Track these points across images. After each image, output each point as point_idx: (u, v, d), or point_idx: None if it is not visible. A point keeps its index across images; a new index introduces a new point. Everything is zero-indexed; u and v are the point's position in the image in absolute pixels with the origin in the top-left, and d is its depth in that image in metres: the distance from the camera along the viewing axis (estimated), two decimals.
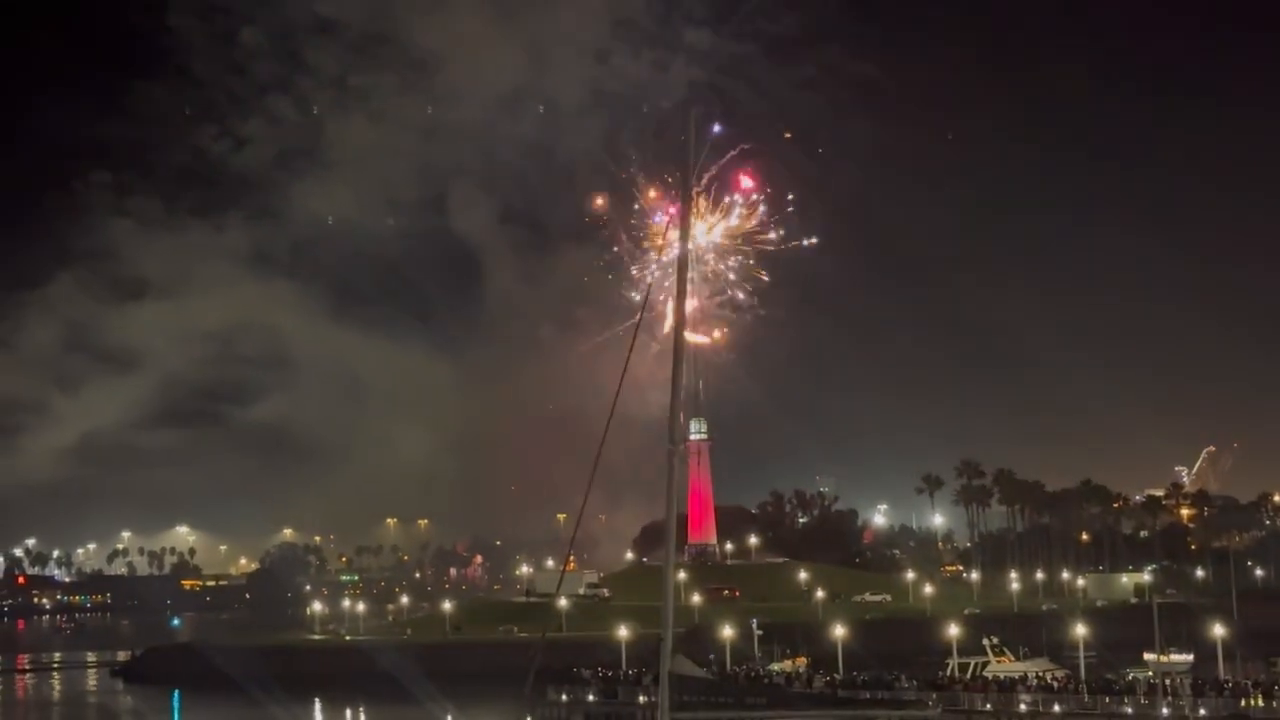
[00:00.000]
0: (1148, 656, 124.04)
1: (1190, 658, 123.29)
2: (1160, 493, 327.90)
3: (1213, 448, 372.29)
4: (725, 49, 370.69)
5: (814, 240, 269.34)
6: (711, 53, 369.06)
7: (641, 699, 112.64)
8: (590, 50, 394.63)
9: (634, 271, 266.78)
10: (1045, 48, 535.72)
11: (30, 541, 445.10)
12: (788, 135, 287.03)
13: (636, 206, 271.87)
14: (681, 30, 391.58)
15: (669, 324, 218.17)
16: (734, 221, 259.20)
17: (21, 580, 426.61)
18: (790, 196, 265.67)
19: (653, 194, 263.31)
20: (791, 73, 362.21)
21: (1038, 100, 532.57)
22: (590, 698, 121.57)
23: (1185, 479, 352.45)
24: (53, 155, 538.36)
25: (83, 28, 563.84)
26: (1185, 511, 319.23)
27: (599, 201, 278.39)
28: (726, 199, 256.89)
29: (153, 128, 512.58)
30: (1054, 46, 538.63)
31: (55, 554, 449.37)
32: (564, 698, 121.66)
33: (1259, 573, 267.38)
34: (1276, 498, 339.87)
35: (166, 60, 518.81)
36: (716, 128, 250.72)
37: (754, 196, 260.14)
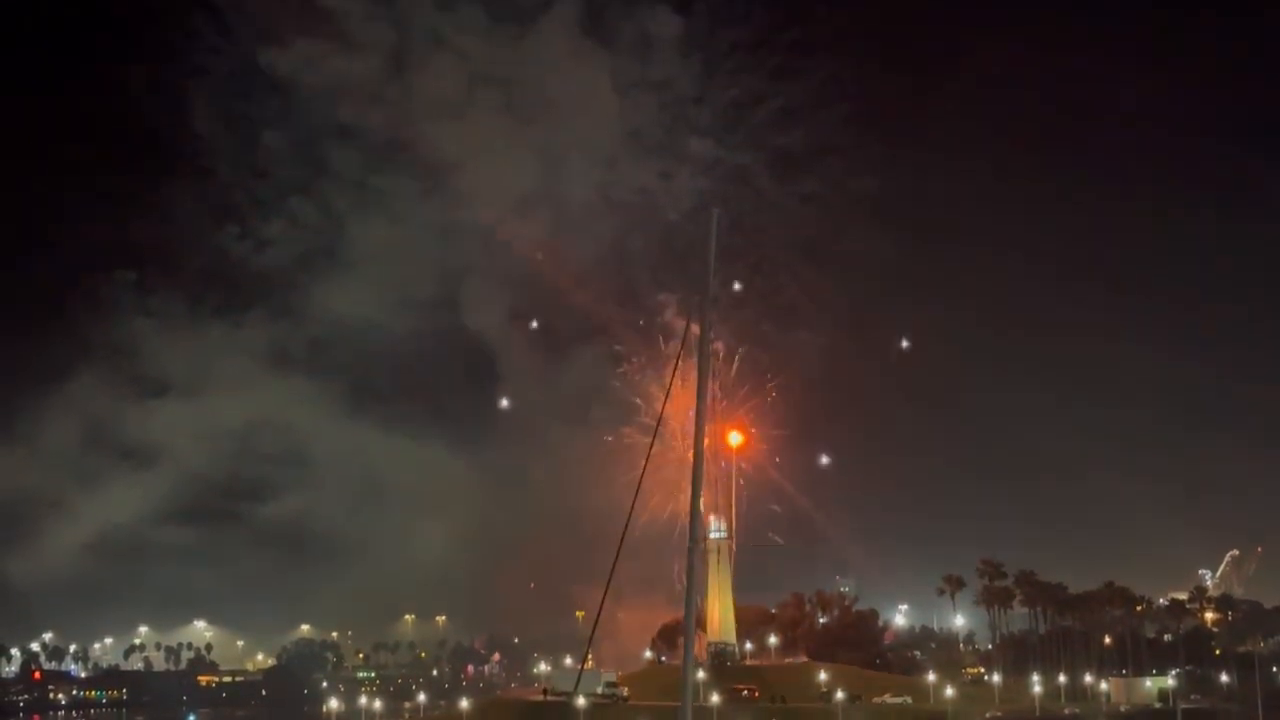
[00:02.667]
0: None
1: None
2: (1184, 596, 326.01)
3: (1236, 551, 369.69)
4: (730, 159, 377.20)
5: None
6: (715, 163, 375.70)
7: None
8: (601, 158, 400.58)
9: (647, 374, 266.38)
10: (1067, 161, 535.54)
11: (47, 636, 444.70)
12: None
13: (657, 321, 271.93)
14: (687, 140, 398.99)
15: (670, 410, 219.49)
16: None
17: (38, 675, 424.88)
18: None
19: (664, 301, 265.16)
20: (794, 186, 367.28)
21: (1056, 213, 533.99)
22: None
23: (1209, 582, 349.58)
24: (77, 254, 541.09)
25: (108, 129, 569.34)
26: (1209, 615, 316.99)
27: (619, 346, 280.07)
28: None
29: (176, 228, 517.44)
30: (1075, 160, 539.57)
31: (72, 649, 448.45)
32: None
33: None
34: None
35: (191, 162, 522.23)
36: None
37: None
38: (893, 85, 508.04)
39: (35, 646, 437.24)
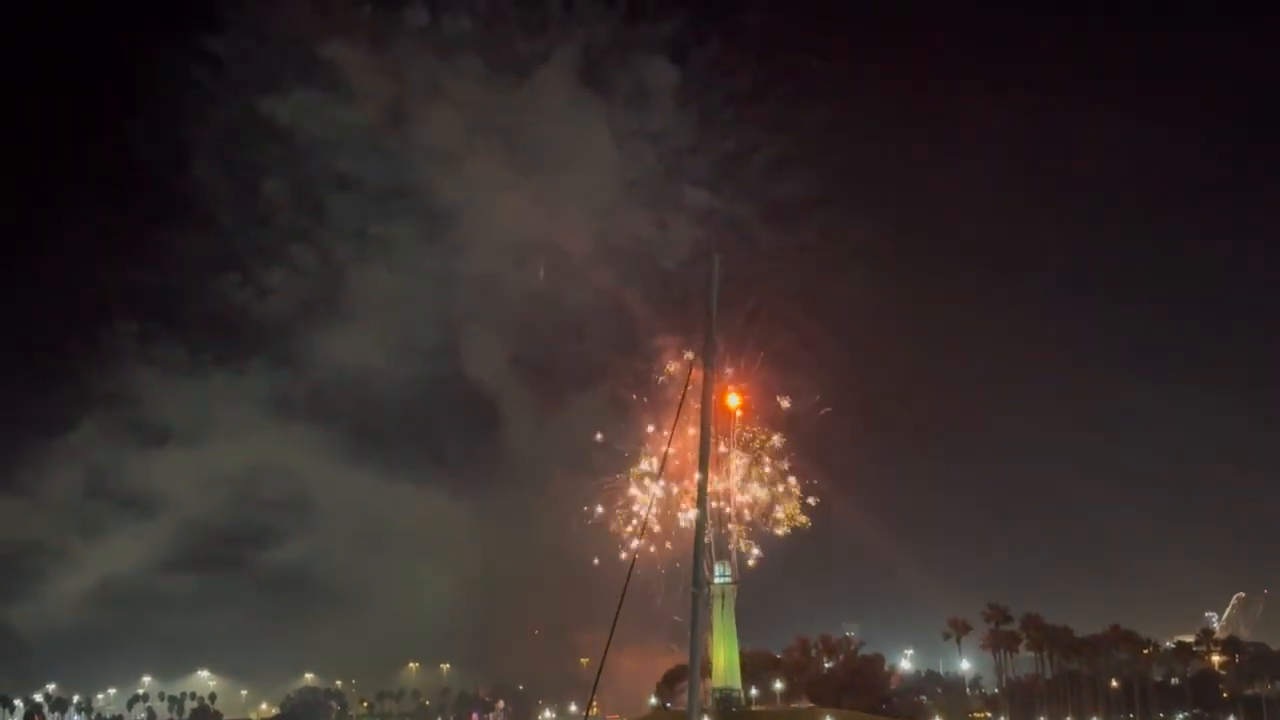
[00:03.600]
0: None
1: None
2: (1191, 639, 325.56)
3: (1243, 594, 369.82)
4: (726, 209, 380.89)
5: (826, 409, 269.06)
6: (711, 213, 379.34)
7: None
8: (599, 207, 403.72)
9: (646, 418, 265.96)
10: (1053, 199, 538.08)
11: (50, 687, 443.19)
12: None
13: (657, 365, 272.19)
14: (683, 190, 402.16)
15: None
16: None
17: None
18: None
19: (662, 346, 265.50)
20: (790, 235, 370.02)
21: (1053, 248, 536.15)
22: None
23: (1216, 625, 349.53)
24: (77, 302, 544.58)
25: (108, 177, 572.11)
26: (1216, 658, 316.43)
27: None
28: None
29: (177, 276, 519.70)
30: (1063, 197, 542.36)
31: (75, 699, 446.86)
32: None
33: None
34: None
35: (191, 210, 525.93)
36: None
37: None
38: (885, 135, 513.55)
39: (38, 697, 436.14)
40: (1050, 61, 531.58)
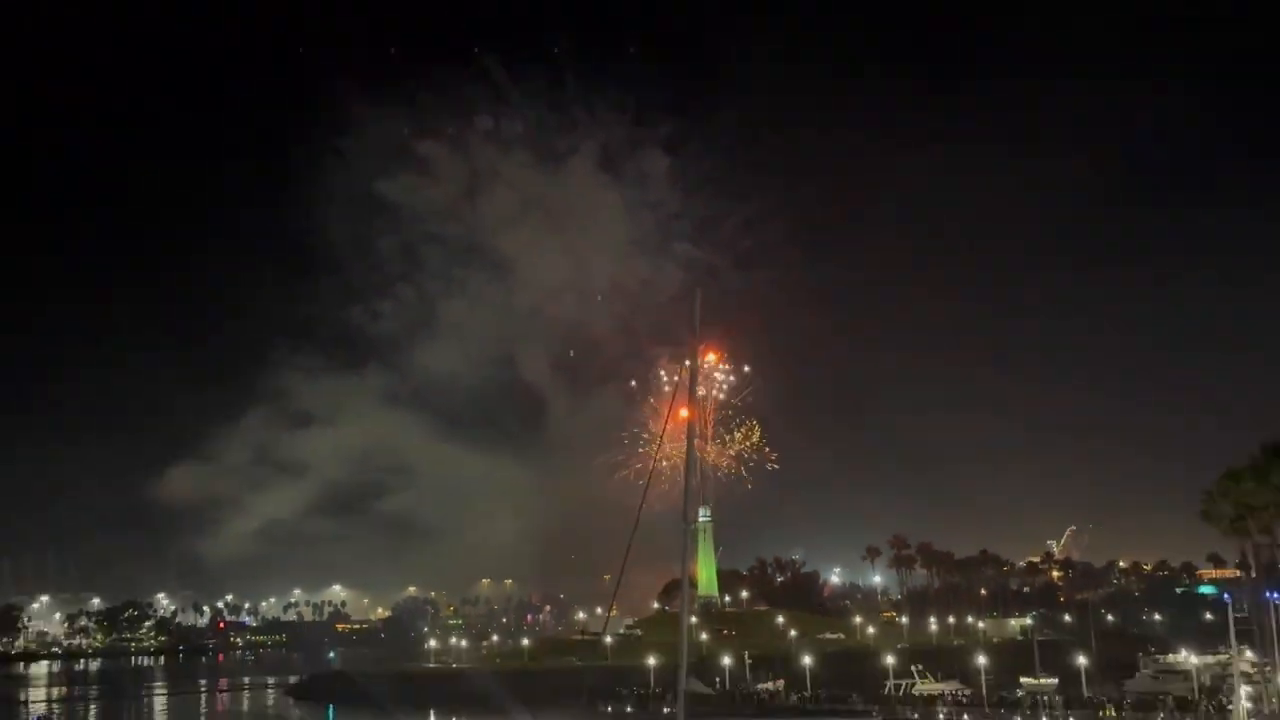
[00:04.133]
0: (1023, 680, 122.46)
1: (1056, 680, 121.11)
2: (1037, 559, 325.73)
3: (1074, 527, 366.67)
4: (704, 259, 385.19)
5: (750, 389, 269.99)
6: (693, 261, 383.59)
7: (665, 710, 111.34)
8: (612, 257, 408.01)
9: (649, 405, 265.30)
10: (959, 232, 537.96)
11: (229, 597, 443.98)
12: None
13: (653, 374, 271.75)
14: (673, 245, 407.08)
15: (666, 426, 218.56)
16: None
17: (221, 625, 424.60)
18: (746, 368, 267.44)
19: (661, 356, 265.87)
20: (751, 277, 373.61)
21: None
22: (628, 709, 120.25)
23: (1055, 549, 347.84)
24: (250, 327, 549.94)
25: (269, 239, 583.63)
26: (1055, 574, 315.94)
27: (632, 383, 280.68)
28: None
29: (317, 306, 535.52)
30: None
31: (246, 606, 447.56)
32: (609, 709, 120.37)
33: (1109, 618, 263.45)
34: (1121, 563, 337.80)
35: (326, 259, 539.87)
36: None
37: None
38: (825, 202, 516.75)
39: (220, 604, 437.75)
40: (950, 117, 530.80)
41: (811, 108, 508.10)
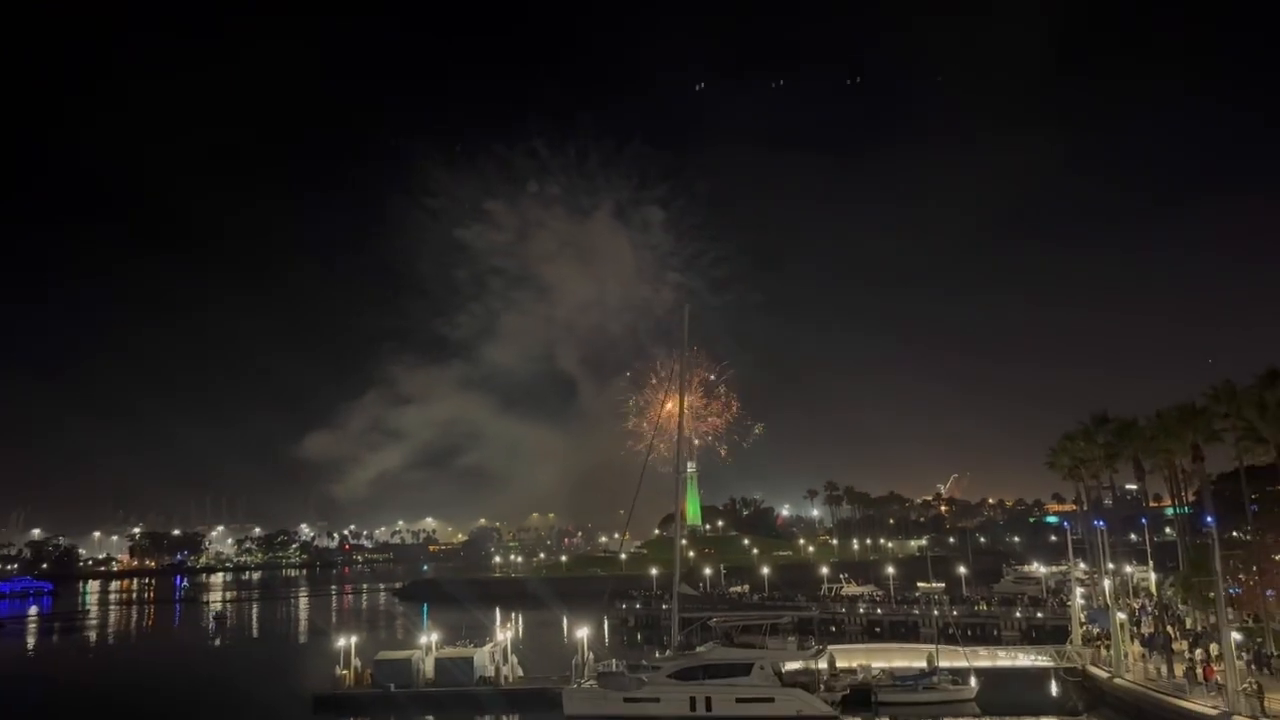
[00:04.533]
0: (919, 584, 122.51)
1: (942, 585, 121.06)
2: (930, 498, 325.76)
3: (956, 474, 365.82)
4: (688, 283, 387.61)
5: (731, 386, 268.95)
6: (680, 286, 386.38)
7: (664, 606, 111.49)
8: (622, 283, 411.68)
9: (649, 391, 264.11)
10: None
11: (352, 527, 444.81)
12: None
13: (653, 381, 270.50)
14: (666, 275, 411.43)
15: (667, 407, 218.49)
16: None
17: (346, 547, 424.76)
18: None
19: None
20: (721, 297, 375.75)
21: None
22: (637, 606, 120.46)
23: (942, 490, 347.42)
24: (362, 335, 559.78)
25: (377, 272, 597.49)
26: (943, 508, 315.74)
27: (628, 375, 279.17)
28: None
29: (412, 320, 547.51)
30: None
31: (364, 533, 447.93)
32: (624, 606, 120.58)
33: (982, 540, 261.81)
34: (990, 500, 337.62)
35: (418, 287, 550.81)
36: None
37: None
38: (771, 243, 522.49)
39: (345, 532, 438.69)
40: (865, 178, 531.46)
41: (760, 180, 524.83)
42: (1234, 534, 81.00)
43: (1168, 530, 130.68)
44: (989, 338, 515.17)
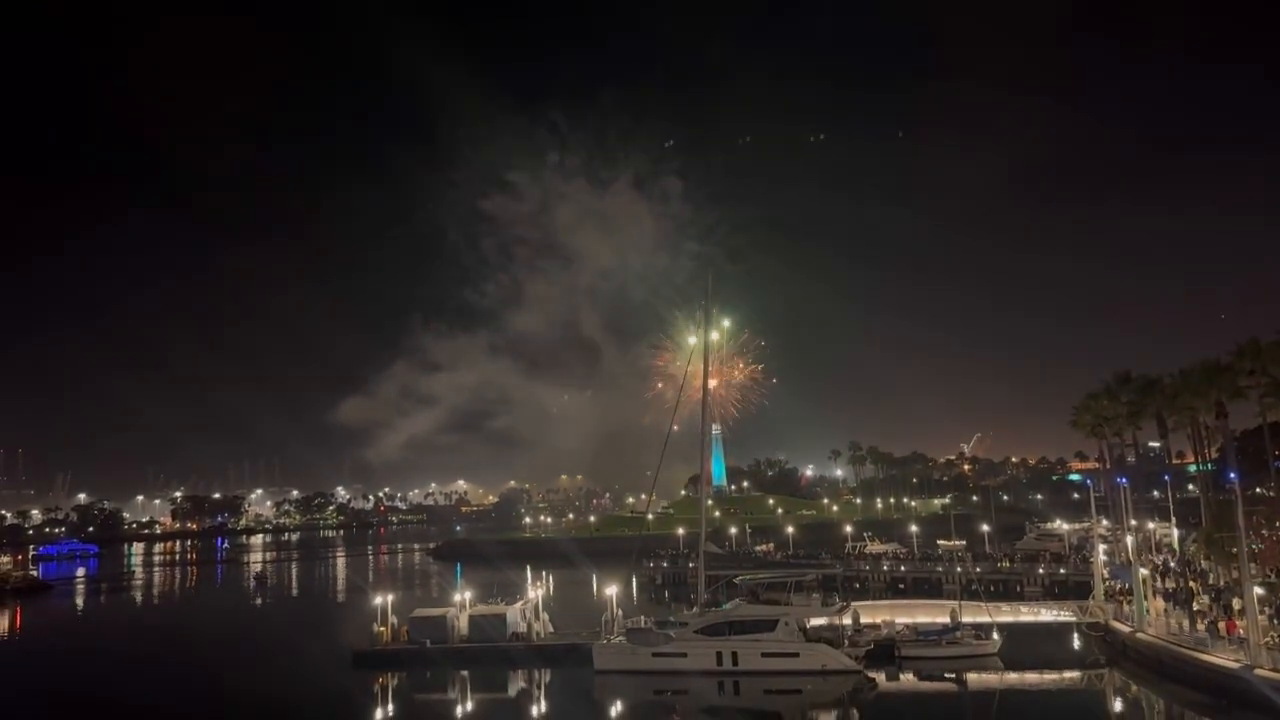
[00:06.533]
0: (940, 542, 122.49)
1: (964, 543, 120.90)
2: (954, 457, 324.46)
3: (980, 434, 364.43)
4: (706, 252, 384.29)
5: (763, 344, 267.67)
6: (698, 255, 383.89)
7: (691, 565, 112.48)
8: (643, 251, 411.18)
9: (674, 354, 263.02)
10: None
11: (386, 489, 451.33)
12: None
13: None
14: (684, 243, 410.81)
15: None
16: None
17: (382, 509, 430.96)
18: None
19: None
20: (739, 265, 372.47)
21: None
22: (665, 565, 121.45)
23: (965, 449, 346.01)
24: (394, 306, 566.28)
25: (407, 244, 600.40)
26: (966, 467, 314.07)
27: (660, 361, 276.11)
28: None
29: (439, 289, 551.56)
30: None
31: (398, 495, 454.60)
32: (651, 565, 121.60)
33: (1005, 498, 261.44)
34: (1013, 459, 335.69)
35: (445, 257, 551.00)
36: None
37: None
38: (786, 211, 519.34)
39: (380, 494, 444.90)
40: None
41: (774, 154, 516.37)
42: (1257, 490, 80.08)
43: (1190, 487, 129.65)
44: (1013, 297, 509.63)
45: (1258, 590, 49.31)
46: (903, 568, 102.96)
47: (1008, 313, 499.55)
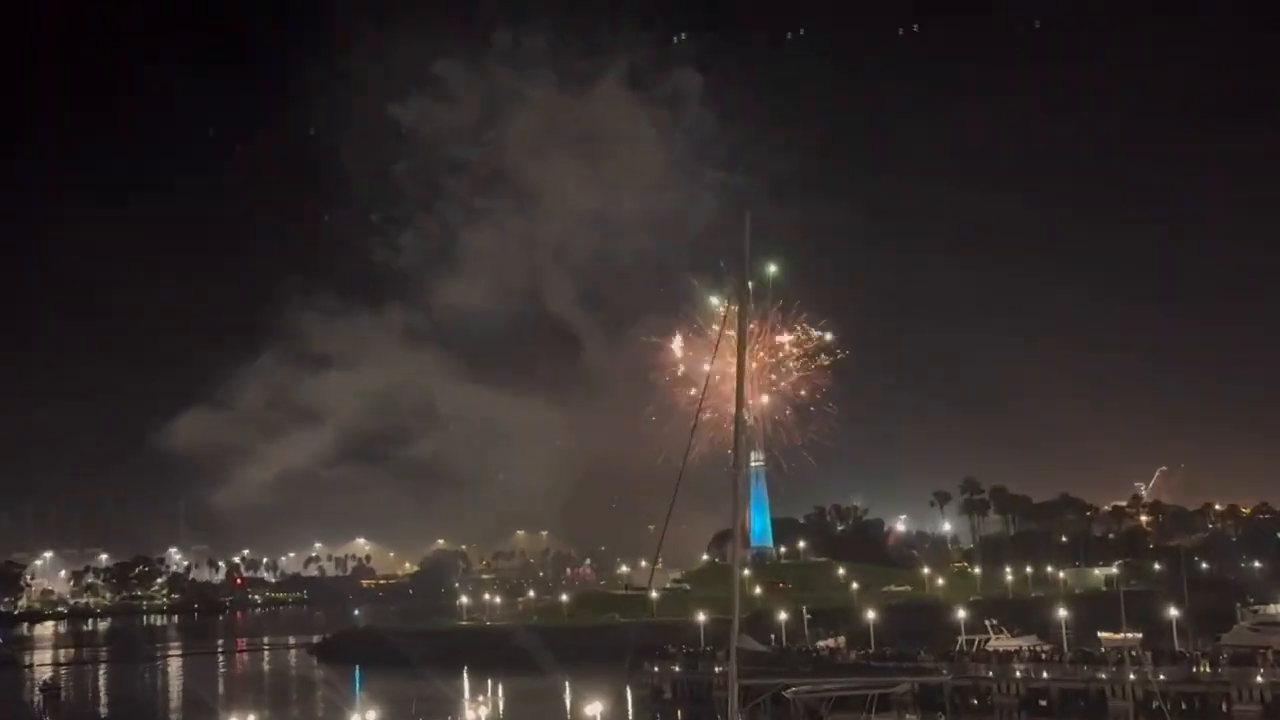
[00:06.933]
0: (1101, 634, 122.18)
1: (1139, 635, 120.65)
2: (1124, 503, 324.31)
3: (1165, 467, 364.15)
4: (738, 186, 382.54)
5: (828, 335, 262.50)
6: (725, 188, 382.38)
7: (716, 669, 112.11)
8: (643, 184, 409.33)
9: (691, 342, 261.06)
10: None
11: (245, 551, 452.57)
12: None
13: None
14: (705, 171, 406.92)
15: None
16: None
17: (239, 581, 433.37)
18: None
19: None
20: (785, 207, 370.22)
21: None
22: (676, 669, 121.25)
23: (1143, 492, 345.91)
24: (259, 264, 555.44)
25: (279, 171, 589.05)
26: (1144, 518, 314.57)
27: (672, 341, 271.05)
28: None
29: (331, 242, 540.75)
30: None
31: (264, 561, 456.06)
32: (655, 669, 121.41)
33: (1204, 566, 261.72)
34: (1216, 506, 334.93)
35: (341, 190, 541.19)
36: None
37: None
38: (876, 123, 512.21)
39: (236, 559, 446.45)
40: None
41: (858, 13, 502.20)
42: None
43: None
44: (1207, 279, 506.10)
45: None
46: (1045, 674, 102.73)
47: (1204, 299, 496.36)
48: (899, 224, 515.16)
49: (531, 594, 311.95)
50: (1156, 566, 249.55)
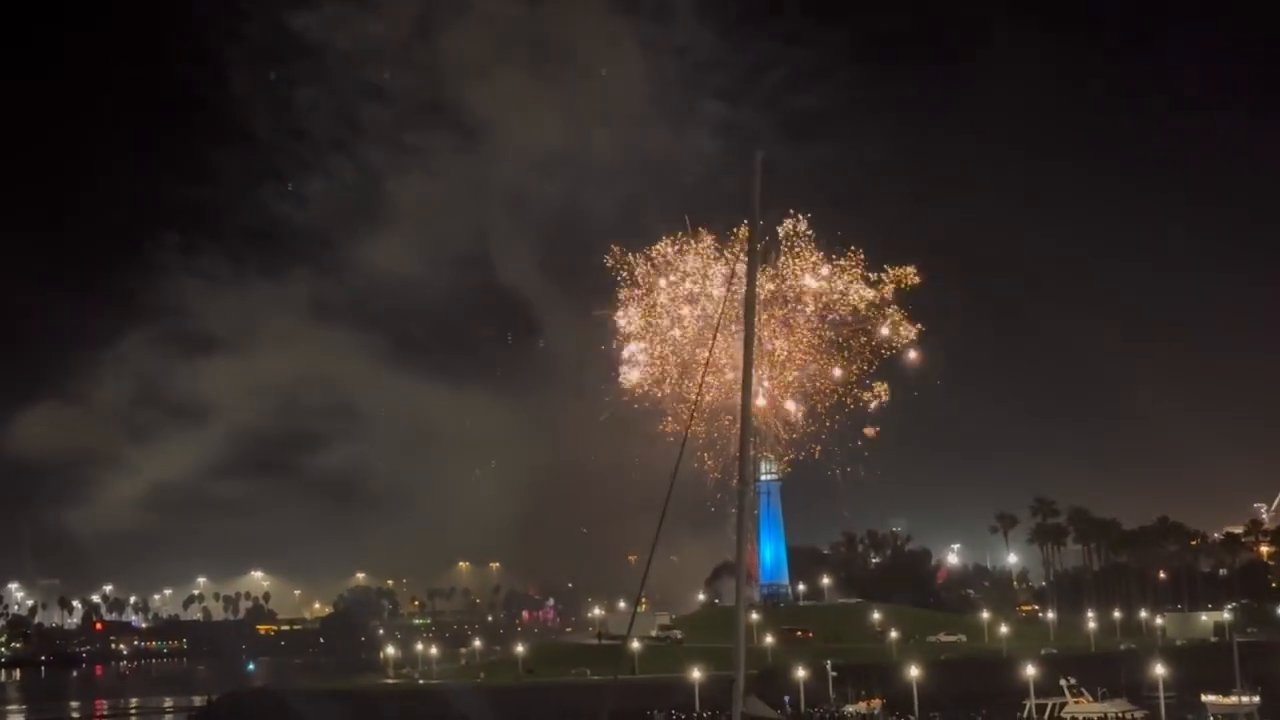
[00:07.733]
0: (1206, 698, 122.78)
1: (1257, 699, 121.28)
2: (1239, 530, 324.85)
3: None
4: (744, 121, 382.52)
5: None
6: (729, 125, 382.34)
7: None
8: (622, 118, 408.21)
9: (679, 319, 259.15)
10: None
11: (107, 588, 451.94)
12: None
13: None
14: (703, 103, 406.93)
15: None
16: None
17: (99, 626, 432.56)
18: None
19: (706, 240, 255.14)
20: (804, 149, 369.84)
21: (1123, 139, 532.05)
22: None
23: (1265, 515, 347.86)
24: (123, 218, 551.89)
25: (151, 96, 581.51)
26: (1265, 549, 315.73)
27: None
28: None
29: (218, 189, 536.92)
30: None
31: (132, 600, 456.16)
32: None
33: None
34: None
35: (230, 125, 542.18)
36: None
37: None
38: (916, 45, 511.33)
39: (96, 598, 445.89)
40: None
41: None
42: None
43: None
44: None
45: None
46: None
47: None
48: (950, 170, 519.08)
49: (478, 644, 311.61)
50: None
